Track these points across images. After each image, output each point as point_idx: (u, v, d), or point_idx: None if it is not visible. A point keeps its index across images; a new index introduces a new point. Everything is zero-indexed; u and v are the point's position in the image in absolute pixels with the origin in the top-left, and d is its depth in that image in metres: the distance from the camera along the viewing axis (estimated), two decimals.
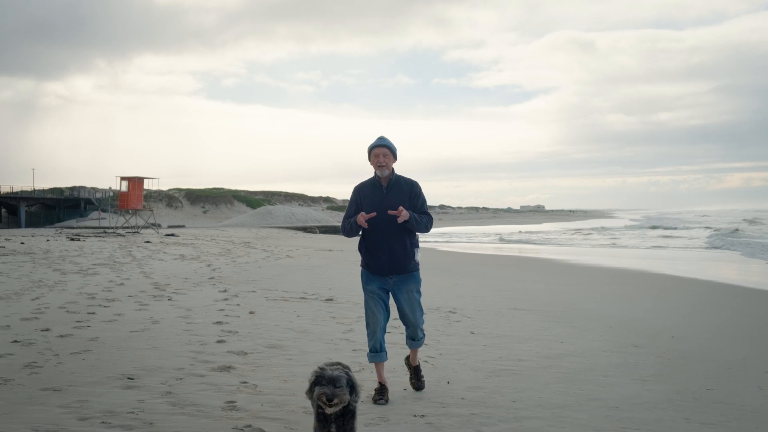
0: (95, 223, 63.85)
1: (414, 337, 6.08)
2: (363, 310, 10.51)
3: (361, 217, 5.66)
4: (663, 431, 5.18)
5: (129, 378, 6.04)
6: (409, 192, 5.87)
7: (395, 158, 5.93)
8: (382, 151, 5.83)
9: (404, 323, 6.10)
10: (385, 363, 6.02)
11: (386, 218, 5.72)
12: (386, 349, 5.99)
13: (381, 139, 5.94)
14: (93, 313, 9.49)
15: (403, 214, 5.63)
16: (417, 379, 6.08)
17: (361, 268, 6.04)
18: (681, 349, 8.46)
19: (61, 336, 7.82)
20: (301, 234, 53.98)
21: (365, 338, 8.20)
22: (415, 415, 5.32)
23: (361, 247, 5.97)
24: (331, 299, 11.83)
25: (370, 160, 5.90)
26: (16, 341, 7.45)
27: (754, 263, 24.34)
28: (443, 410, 5.49)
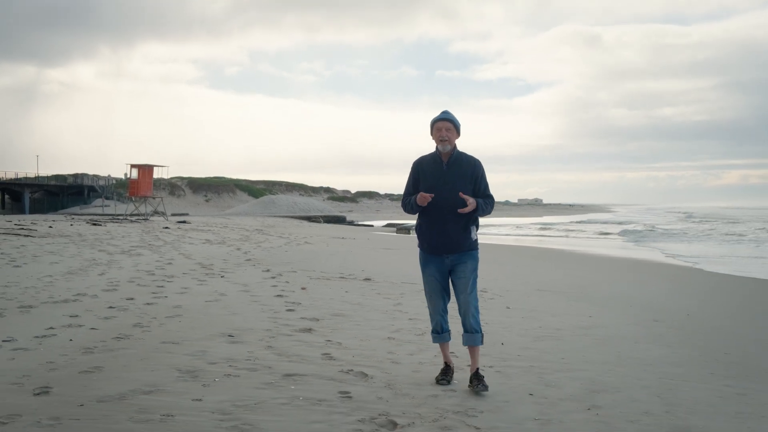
0: (99, 210, 64.51)
1: (467, 327, 5.67)
2: (404, 289, 11.50)
3: (422, 197, 5.49)
4: (693, 381, 6.15)
5: (230, 335, 6.99)
6: (471, 172, 5.63)
7: (458, 134, 5.67)
8: (445, 125, 5.60)
9: (458, 308, 5.74)
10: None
11: (444, 196, 5.52)
12: (450, 329, 5.85)
13: (445, 113, 5.69)
14: (162, 286, 10.44)
15: (471, 204, 5.47)
16: (478, 381, 5.48)
17: (418, 249, 5.87)
18: (697, 324, 9.46)
19: (148, 304, 8.76)
20: (306, 223, 54.68)
21: (416, 309, 9.20)
22: (483, 368, 6.26)
23: (418, 227, 5.78)
24: (369, 279, 12.77)
25: (432, 134, 5.68)
26: (111, 307, 8.40)
27: (635, 248, 31.42)
28: (505, 363, 6.45)
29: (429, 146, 5.80)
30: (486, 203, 5.65)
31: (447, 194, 5.54)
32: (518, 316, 9.31)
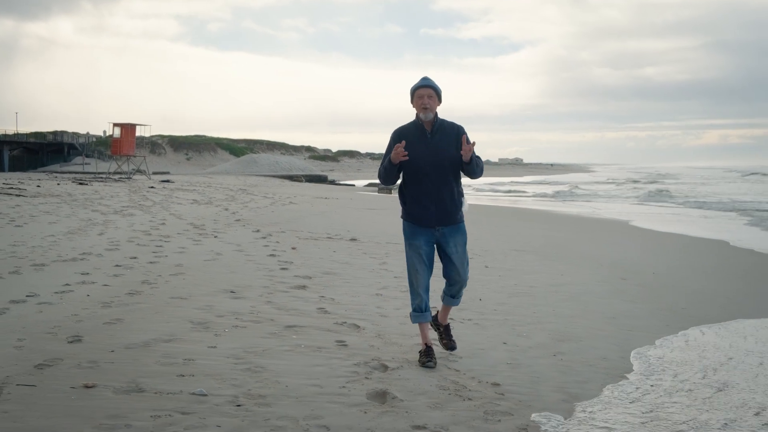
0: (79, 168, 64.42)
1: (455, 295, 5.67)
2: (388, 249, 12.17)
3: (396, 154, 5.20)
4: (650, 332, 6.91)
5: (231, 292, 7.65)
6: (456, 137, 5.41)
7: (440, 101, 5.47)
8: (426, 92, 5.38)
9: (449, 280, 5.63)
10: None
11: (433, 165, 5.33)
12: (430, 309, 5.62)
13: (425, 79, 5.48)
14: (160, 246, 11.05)
15: (471, 149, 5.31)
16: (449, 339, 5.70)
17: (402, 220, 5.59)
18: (660, 282, 10.22)
19: (151, 263, 9.38)
20: (287, 182, 55.11)
21: (400, 268, 9.87)
22: (463, 320, 6.98)
23: (404, 197, 5.54)
24: (354, 239, 13.44)
25: (412, 102, 5.44)
26: (117, 265, 9.02)
27: (556, 204, 35.13)
28: (482, 317, 7.17)
29: (411, 108, 5.54)
30: (478, 160, 5.45)
31: (435, 163, 5.34)
32: (496, 274, 10.03)
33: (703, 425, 4.42)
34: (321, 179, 65.68)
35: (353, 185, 54.70)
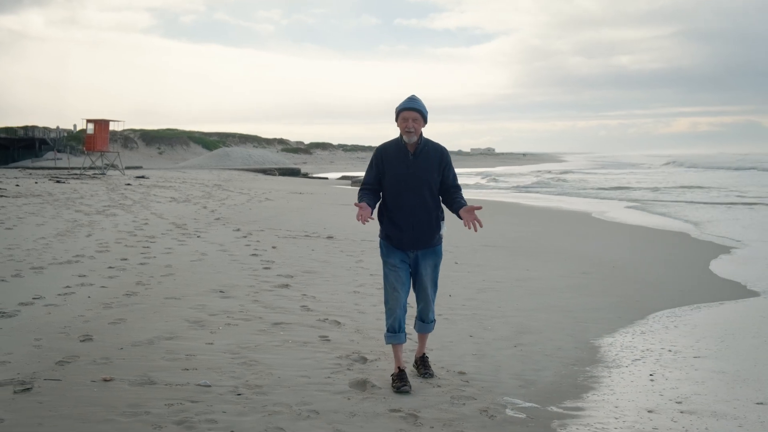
0: (51, 164, 64.05)
1: (424, 318, 5.64)
2: (364, 246, 12.83)
3: (361, 213, 5.21)
4: (604, 324, 7.66)
5: (220, 291, 8.27)
6: (438, 161, 5.38)
7: (425, 122, 5.36)
8: (411, 114, 5.27)
9: (417, 296, 5.65)
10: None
11: (411, 188, 5.31)
12: (405, 330, 5.60)
13: (411, 100, 5.34)
14: (147, 247, 11.61)
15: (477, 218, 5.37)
16: (425, 368, 5.60)
17: (380, 239, 5.62)
18: (619, 275, 11.01)
19: (141, 264, 9.96)
20: (261, 176, 55.31)
21: (375, 266, 10.53)
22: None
23: (383, 218, 5.51)
24: (331, 237, 14.09)
25: (397, 122, 5.36)
26: (111, 267, 9.59)
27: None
28: (452, 312, 7.87)
29: (388, 96, 5.87)
30: (462, 198, 5.53)
31: (414, 186, 5.32)
32: (465, 270, 10.74)
33: (635, 409, 5.17)
34: (294, 172, 65.93)
35: (326, 178, 55.17)
